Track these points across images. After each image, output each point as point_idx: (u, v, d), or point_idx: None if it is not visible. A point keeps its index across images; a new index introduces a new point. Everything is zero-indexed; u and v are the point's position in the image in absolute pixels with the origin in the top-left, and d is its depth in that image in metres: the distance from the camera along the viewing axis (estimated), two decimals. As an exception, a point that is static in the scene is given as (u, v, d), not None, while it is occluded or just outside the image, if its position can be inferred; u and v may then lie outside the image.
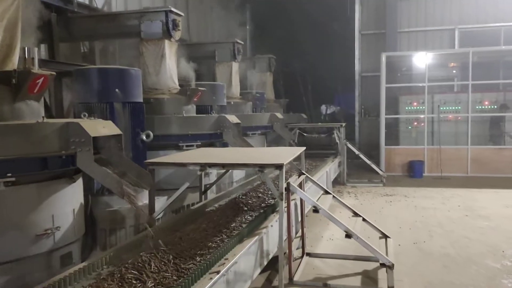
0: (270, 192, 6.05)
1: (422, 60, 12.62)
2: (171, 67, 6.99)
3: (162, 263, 3.42)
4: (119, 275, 3.20)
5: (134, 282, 3.12)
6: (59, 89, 6.53)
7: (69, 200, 3.76)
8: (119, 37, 7.83)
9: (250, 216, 4.90)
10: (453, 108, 12.58)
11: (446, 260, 5.58)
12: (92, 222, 5.02)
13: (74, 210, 3.81)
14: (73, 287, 3.08)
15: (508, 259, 5.55)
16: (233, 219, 4.73)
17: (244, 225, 4.48)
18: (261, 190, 6.28)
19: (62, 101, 6.70)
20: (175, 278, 3.20)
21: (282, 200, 4.34)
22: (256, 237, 4.16)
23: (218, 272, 3.26)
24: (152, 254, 3.54)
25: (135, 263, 3.39)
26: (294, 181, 4.92)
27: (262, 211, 5.10)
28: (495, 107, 12.33)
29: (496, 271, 5.17)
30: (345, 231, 4.58)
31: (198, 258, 3.57)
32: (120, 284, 3.08)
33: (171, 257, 3.53)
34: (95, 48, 8.42)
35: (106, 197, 5.22)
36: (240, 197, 5.77)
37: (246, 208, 5.24)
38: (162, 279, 3.16)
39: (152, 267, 3.33)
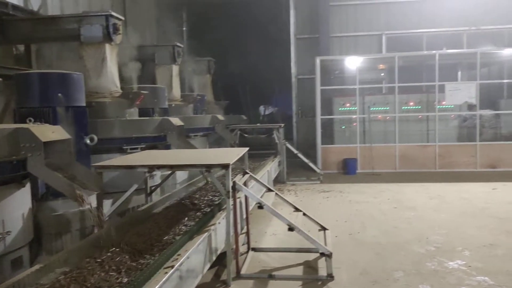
0: (206, 198, 6.16)
1: (353, 64, 13.38)
2: (112, 70, 6.99)
3: (83, 287, 3.12)
4: None
5: None
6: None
7: (18, 204, 3.78)
8: (57, 41, 7.66)
9: (184, 226, 4.79)
10: (382, 108, 13.40)
11: (378, 248, 6.09)
12: (37, 227, 4.99)
13: (23, 214, 3.84)
14: None
15: (432, 245, 6.16)
16: (177, 222, 4.79)
17: (179, 236, 4.38)
18: (197, 196, 6.31)
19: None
20: None
21: (229, 198, 4.60)
22: (205, 234, 4.37)
23: (172, 267, 3.42)
24: (73, 278, 3.19)
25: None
26: (239, 180, 5.18)
27: (208, 210, 5.31)
28: (420, 107, 13.32)
29: (421, 256, 5.73)
30: (288, 225, 4.92)
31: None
32: None
33: (93, 280, 3.20)
34: (31, 50, 8.19)
35: (50, 202, 5.21)
36: (182, 201, 5.89)
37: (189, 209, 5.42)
38: None
39: None
